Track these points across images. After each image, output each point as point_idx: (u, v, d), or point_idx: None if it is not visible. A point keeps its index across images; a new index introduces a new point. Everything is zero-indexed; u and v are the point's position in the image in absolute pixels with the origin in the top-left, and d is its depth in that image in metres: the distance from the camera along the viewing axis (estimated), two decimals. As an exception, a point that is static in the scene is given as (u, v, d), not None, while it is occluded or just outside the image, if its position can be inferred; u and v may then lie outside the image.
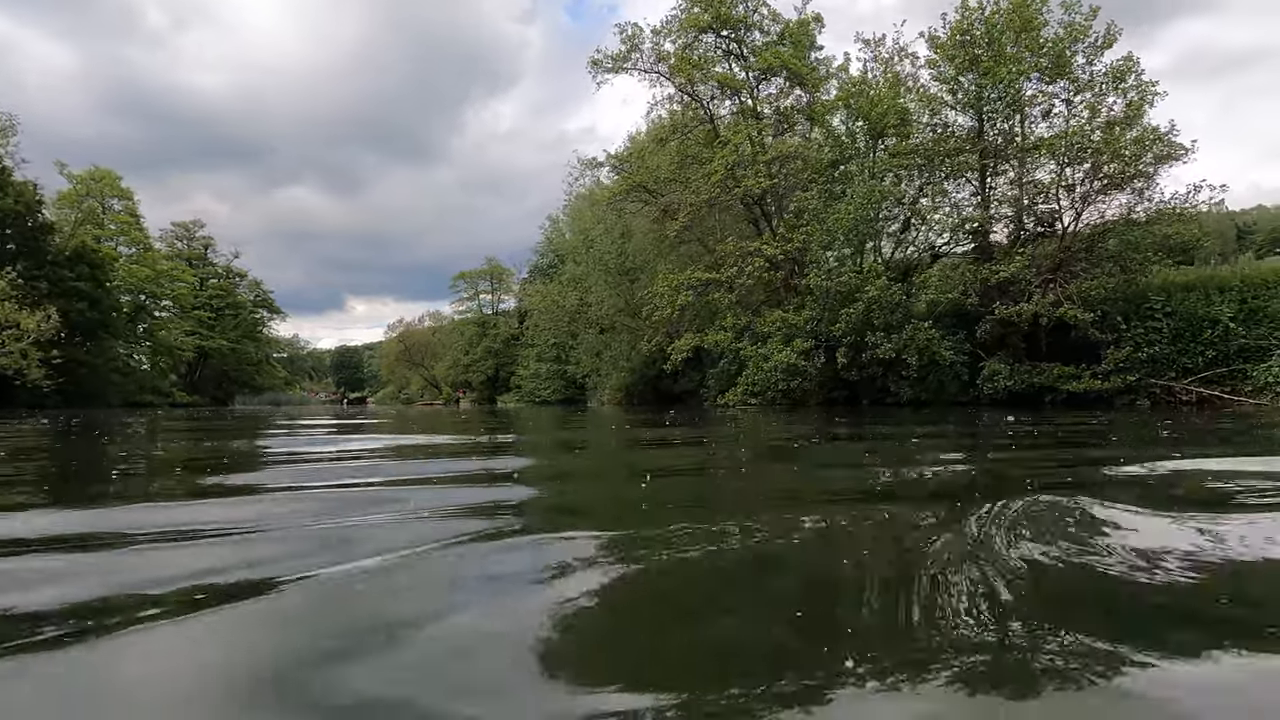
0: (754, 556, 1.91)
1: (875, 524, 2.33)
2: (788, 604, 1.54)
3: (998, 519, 2.20)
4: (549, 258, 56.68)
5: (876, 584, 1.68)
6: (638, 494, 3.08)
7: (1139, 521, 2.21)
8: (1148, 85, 17.01)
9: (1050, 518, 2.23)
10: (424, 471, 4.09)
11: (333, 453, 5.47)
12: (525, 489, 3.29)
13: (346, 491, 3.17)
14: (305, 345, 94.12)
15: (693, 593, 1.63)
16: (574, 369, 43.24)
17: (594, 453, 5.74)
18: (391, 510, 2.52)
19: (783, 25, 24.94)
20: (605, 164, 30.13)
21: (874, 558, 1.92)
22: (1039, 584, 1.62)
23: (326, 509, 2.55)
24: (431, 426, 10.80)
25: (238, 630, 1.36)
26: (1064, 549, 1.88)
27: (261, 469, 4.47)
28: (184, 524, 2.32)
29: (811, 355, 18.16)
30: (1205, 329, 16.00)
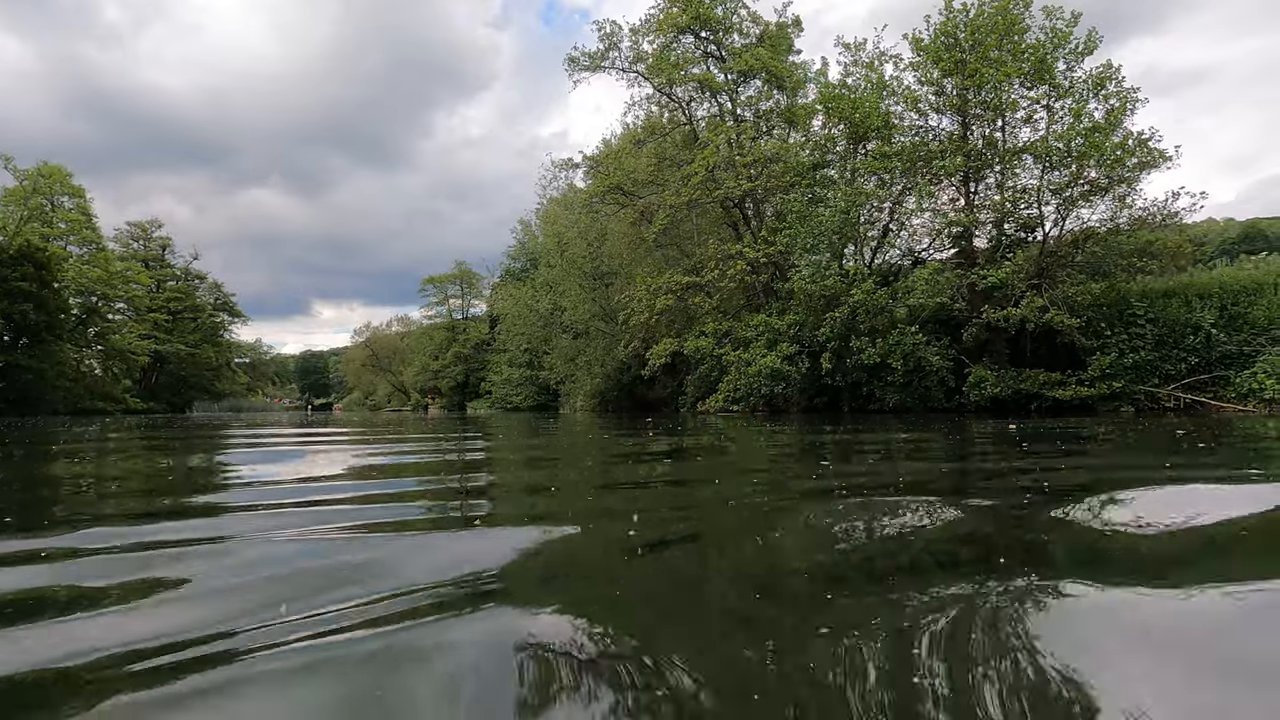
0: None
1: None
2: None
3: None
4: (521, 261, 55.90)
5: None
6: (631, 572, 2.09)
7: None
8: (1129, 92, 17.03)
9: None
10: (389, 516, 3.20)
11: (290, 479, 4.76)
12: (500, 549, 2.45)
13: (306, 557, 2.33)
14: (268, 350, 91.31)
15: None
16: (547, 374, 42.49)
17: (572, 487, 4.97)
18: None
19: (762, 27, 24.71)
20: (581, 165, 29.61)
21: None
22: None
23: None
24: (400, 443, 10.07)
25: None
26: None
27: (215, 496, 3.77)
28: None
29: (796, 360, 17.74)
30: (1187, 335, 15.96)
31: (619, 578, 1.89)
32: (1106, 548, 2.14)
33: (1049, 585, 1.69)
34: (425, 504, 3.16)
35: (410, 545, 2.23)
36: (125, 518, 2.80)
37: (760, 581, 1.81)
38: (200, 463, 5.61)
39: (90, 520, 2.70)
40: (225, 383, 61.41)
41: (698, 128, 25.06)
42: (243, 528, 2.48)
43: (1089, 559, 2.02)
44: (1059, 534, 2.34)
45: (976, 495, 3.23)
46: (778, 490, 3.51)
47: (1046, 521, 2.52)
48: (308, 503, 3.12)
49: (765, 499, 3.18)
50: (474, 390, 63.13)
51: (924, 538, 2.31)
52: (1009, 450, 5.69)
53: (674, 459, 5.51)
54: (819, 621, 1.47)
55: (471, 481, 4.20)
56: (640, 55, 24.68)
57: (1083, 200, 16.96)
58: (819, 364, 17.86)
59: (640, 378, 30.20)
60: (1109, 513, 2.64)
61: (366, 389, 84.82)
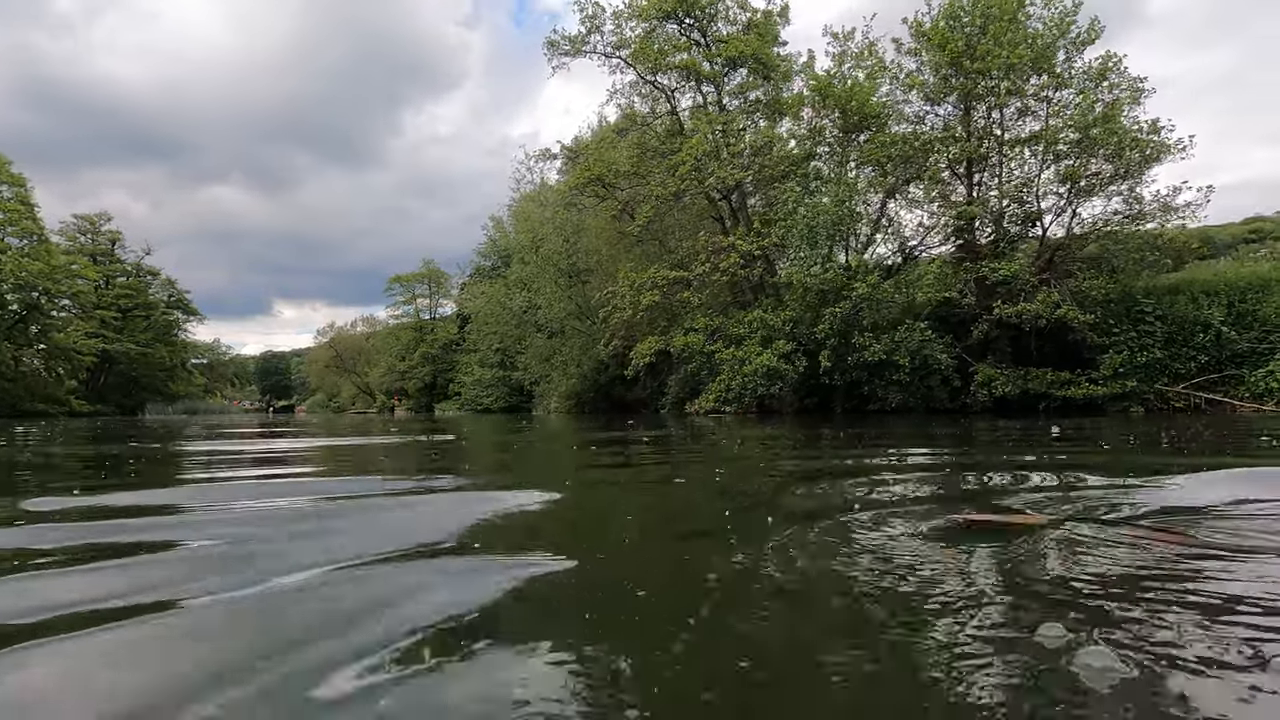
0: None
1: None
2: None
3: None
4: (492, 259, 54.30)
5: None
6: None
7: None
8: (1134, 81, 16.47)
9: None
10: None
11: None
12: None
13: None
14: (227, 351, 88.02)
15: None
16: (520, 375, 41.07)
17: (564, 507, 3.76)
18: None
19: (750, 14, 23.79)
20: (559, 157, 28.41)
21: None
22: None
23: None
24: (365, 459, 8.83)
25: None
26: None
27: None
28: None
29: (793, 358, 16.77)
30: (1197, 333, 15.41)
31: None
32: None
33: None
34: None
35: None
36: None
37: None
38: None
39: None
40: (180, 384, 58.64)
41: (682, 118, 24.05)
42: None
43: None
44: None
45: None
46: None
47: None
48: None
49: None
50: (442, 391, 61.25)
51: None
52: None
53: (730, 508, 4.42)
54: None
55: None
56: (623, 41, 23.58)
57: (1089, 192, 16.35)
58: (814, 362, 16.96)
59: (619, 378, 29.06)
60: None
61: (330, 390, 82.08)
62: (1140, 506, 2.47)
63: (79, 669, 1.18)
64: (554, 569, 1.74)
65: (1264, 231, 44.43)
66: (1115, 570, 1.70)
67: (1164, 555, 1.81)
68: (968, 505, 2.59)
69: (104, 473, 4.74)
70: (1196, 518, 2.22)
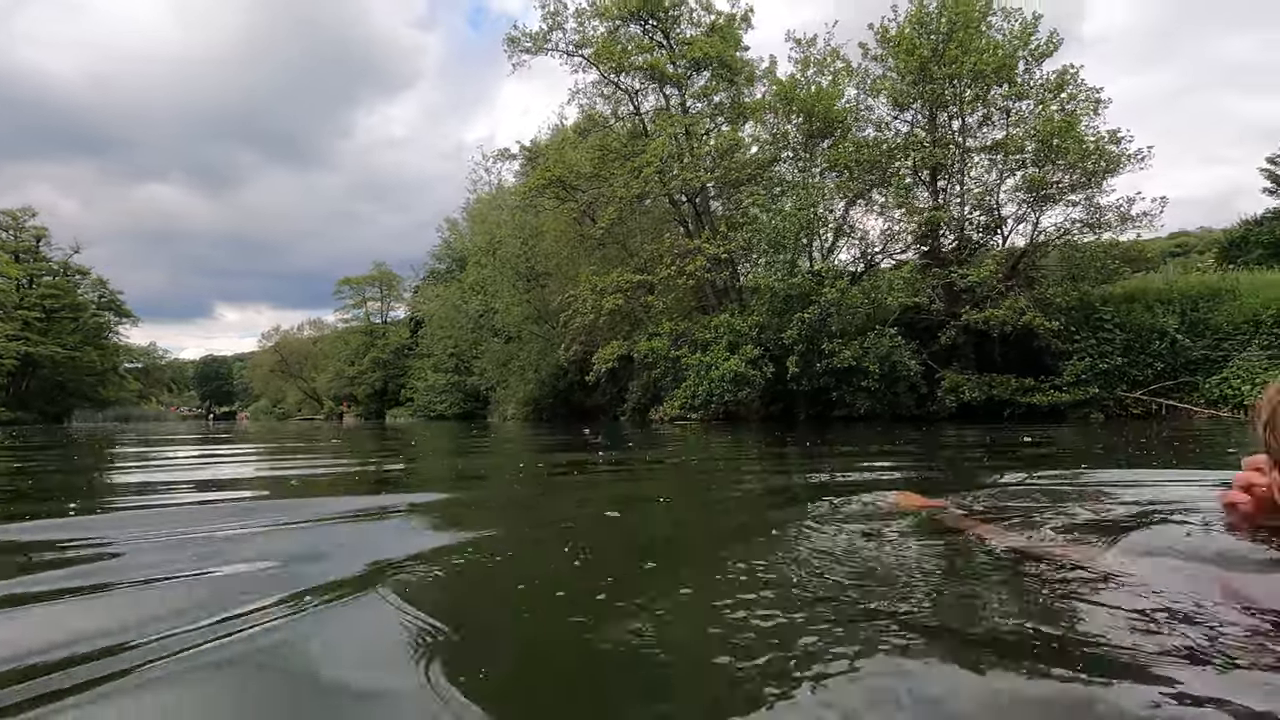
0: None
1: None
2: None
3: None
4: (447, 262, 53.09)
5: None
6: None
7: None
8: (1092, 93, 16.75)
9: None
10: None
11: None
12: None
13: None
14: (164, 355, 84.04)
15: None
16: (475, 380, 40.07)
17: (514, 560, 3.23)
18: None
19: (713, 17, 23.59)
20: (518, 157, 27.75)
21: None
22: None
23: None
24: (308, 484, 8.11)
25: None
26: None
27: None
28: None
29: (760, 364, 16.49)
30: (1154, 341, 15.69)
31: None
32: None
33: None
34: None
35: None
36: None
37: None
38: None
39: None
40: (111, 389, 55.51)
41: (645, 120, 23.68)
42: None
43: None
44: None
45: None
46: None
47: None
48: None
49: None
50: (394, 398, 59.56)
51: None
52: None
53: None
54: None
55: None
56: (585, 39, 23.11)
57: (1049, 201, 16.54)
58: (781, 368, 16.72)
59: (579, 383, 28.48)
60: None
61: (275, 396, 79.08)
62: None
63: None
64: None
65: (1188, 246, 46.73)
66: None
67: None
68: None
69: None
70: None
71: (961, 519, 2.10)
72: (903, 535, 2.04)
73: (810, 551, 1.88)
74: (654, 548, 2.27)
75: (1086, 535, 1.85)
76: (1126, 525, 1.90)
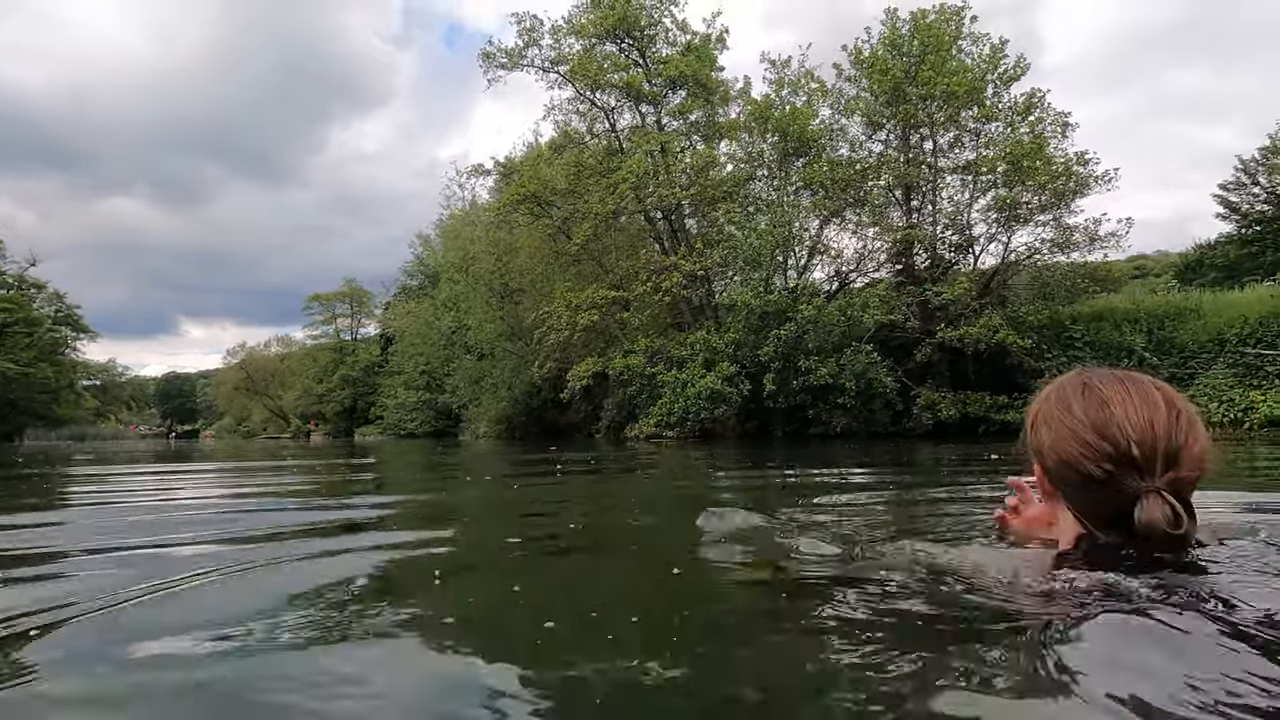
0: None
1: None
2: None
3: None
4: (419, 278, 52.50)
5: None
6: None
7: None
8: (1059, 116, 17.11)
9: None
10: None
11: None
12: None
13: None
14: (124, 371, 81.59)
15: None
16: (447, 398, 39.48)
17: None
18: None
19: (689, 37, 23.76)
20: (492, 172, 27.53)
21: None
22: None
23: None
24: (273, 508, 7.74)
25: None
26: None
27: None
28: None
29: (736, 381, 16.37)
30: (1122, 358, 15.91)
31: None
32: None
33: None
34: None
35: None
36: None
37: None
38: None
39: None
40: (67, 407, 53.63)
41: (621, 137, 23.67)
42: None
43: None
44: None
45: None
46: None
47: None
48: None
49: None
50: (363, 415, 58.48)
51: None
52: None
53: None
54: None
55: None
56: (561, 56, 23.10)
57: (1019, 221, 16.78)
58: (757, 385, 16.63)
59: (553, 401, 28.18)
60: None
61: (240, 414, 77.24)
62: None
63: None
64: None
65: (1146, 268, 48.32)
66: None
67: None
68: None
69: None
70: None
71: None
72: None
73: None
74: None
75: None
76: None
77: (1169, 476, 1.21)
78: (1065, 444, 1.30)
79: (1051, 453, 1.34)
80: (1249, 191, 29.41)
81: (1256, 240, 28.28)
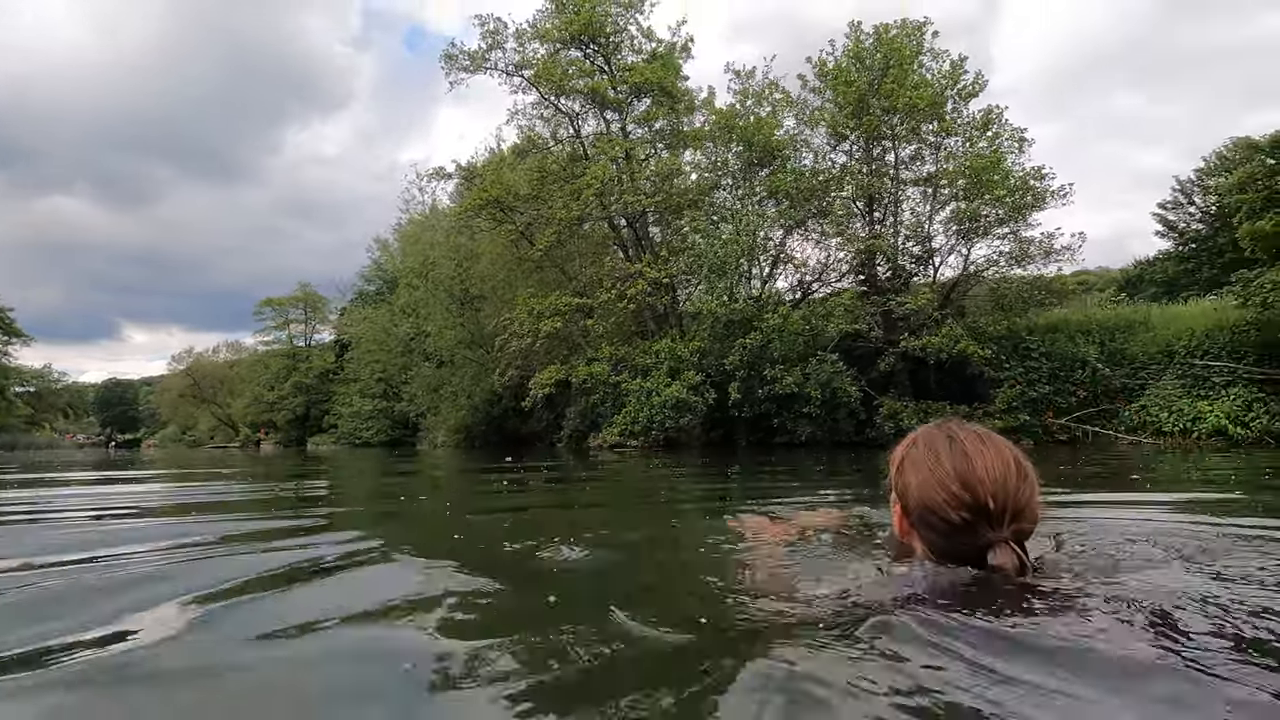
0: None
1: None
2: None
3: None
4: (377, 284, 51.38)
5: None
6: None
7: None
8: (1016, 132, 17.51)
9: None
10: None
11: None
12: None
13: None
14: (61, 378, 77.72)
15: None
16: (404, 406, 38.61)
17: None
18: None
19: (655, 44, 23.72)
20: (454, 176, 27.02)
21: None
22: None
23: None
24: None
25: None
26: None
27: None
28: None
29: (701, 390, 16.25)
30: (1076, 369, 16.29)
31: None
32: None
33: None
34: None
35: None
36: None
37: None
38: None
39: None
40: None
41: (586, 143, 23.47)
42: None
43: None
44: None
45: None
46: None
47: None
48: None
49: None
50: (316, 424, 56.85)
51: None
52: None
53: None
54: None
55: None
56: (526, 61, 22.83)
57: (977, 234, 17.08)
58: (722, 394, 16.54)
59: (514, 410, 27.72)
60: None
61: (185, 422, 74.33)
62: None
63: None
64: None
65: (1088, 283, 50.57)
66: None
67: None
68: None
69: None
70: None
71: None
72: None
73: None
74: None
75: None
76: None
77: (1014, 528, 1.36)
78: (931, 490, 1.41)
79: (916, 495, 1.45)
80: (1186, 211, 30.76)
81: (1193, 257, 29.55)
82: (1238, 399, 13.98)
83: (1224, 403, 14.04)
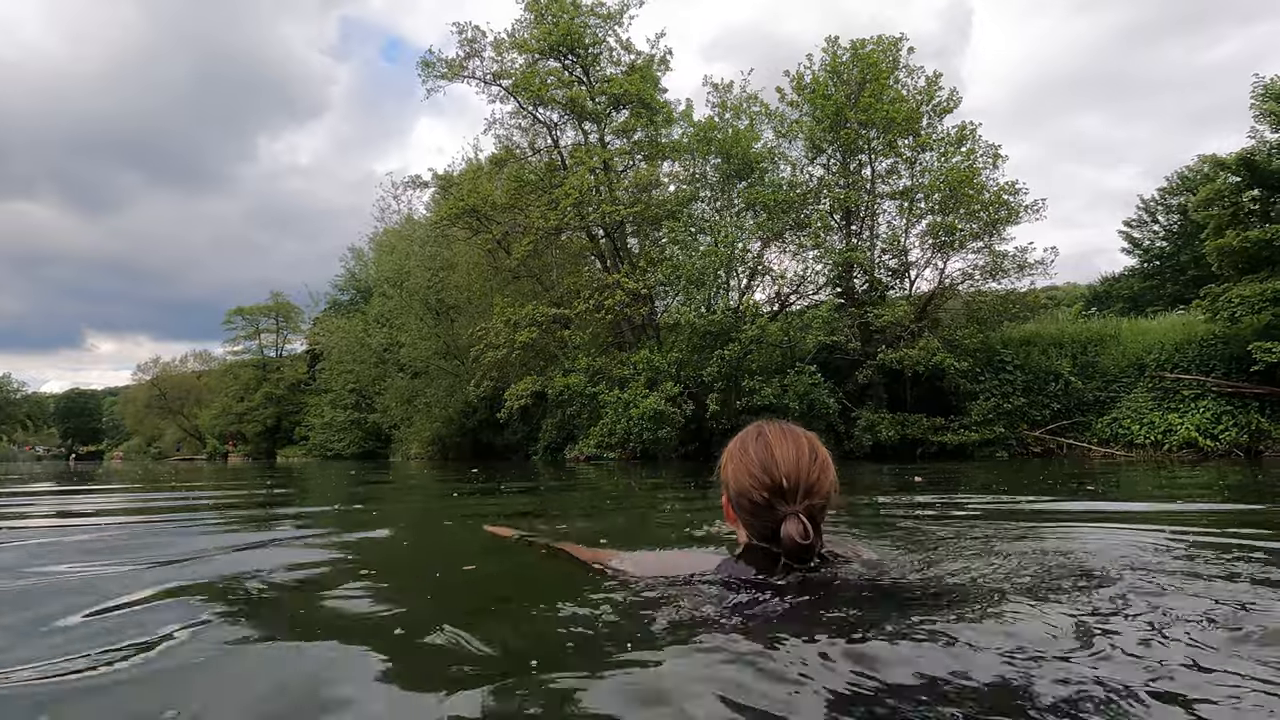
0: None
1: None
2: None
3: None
4: (350, 293, 50.68)
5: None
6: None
7: None
8: (990, 148, 17.73)
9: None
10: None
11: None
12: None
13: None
14: (20, 388, 75.49)
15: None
16: (377, 417, 37.98)
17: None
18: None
19: (634, 56, 23.74)
20: (431, 185, 26.74)
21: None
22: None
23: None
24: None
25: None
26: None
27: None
28: None
29: (679, 401, 16.12)
30: (1050, 382, 16.44)
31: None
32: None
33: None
34: None
35: None
36: None
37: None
38: None
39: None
40: (-49, 426, 49.36)
41: (564, 153, 23.37)
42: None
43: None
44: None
45: None
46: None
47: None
48: None
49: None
50: (286, 436, 55.77)
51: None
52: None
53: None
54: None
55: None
56: (504, 70, 22.70)
57: (952, 248, 17.23)
58: (700, 406, 16.42)
59: (489, 421, 27.37)
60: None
61: (151, 434, 72.50)
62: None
63: None
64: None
65: (1056, 298, 51.92)
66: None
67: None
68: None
69: None
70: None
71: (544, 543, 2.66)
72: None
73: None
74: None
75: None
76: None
77: (806, 503, 1.57)
78: (741, 476, 1.66)
79: (733, 483, 1.70)
80: (1150, 229, 31.52)
81: (1157, 274, 30.26)
82: (1207, 411, 14.19)
83: (1194, 415, 14.23)
